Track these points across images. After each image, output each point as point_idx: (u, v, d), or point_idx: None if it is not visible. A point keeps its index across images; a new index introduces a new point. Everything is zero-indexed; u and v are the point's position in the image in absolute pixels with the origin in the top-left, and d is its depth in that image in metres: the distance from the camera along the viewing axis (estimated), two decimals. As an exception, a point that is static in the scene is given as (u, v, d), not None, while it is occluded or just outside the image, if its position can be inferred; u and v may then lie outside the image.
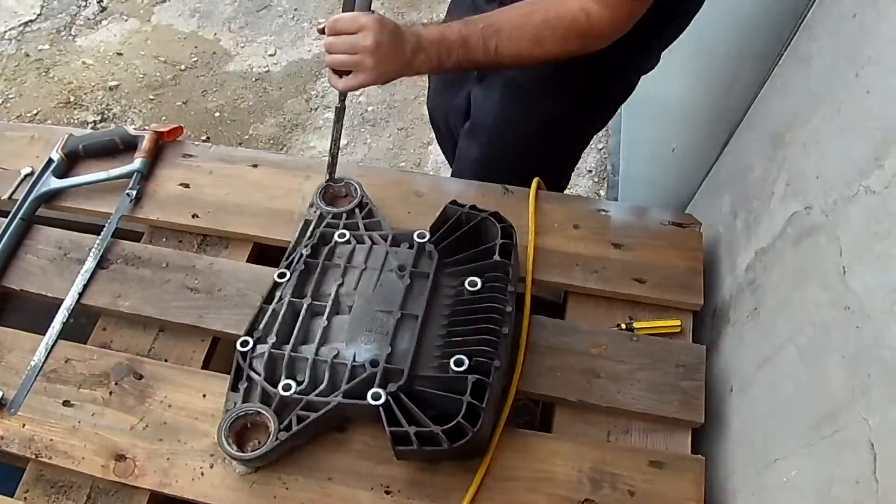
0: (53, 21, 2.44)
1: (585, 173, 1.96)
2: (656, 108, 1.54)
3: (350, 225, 0.86)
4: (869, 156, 0.55)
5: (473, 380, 0.68)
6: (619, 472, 0.71)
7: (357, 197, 0.89)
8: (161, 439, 0.74)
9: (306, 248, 0.82)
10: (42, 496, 0.73)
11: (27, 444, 0.74)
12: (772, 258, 0.72)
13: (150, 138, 0.98)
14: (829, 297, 0.58)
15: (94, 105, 2.18)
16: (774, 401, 0.66)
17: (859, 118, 0.58)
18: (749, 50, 0.91)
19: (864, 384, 0.51)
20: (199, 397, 0.77)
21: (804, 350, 0.62)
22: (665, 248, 0.88)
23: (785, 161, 0.72)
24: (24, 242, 0.91)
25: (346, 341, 0.74)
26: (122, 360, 0.80)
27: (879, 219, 0.52)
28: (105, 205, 0.94)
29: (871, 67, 0.57)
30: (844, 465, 0.51)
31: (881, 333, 0.50)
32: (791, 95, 0.73)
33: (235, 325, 0.82)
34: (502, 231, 0.79)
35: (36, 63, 2.30)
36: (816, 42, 0.68)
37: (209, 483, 0.71)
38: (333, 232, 0.84)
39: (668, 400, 0.76)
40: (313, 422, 0.69)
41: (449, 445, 0.65)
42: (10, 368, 0.80)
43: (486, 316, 0.72)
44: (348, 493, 0.70)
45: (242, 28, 2.42)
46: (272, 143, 2.06)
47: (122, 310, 0.84)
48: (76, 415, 0.76)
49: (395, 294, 0.76)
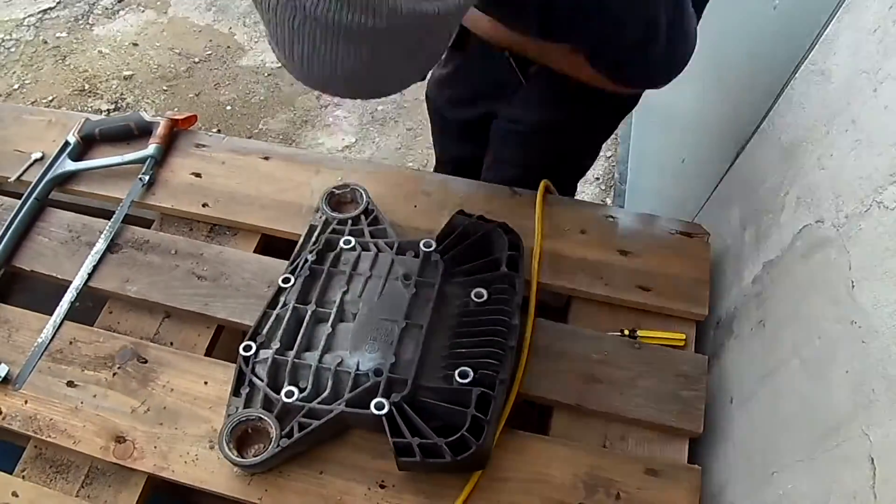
0: (72, 9, 2.47)
1: (593, 181, 1.96)
2: (666, 118, 1.54)
3: (355, 231, 0.86)
4: (884, 171, 0.55)
5: (478, 392, 0.68)
6: (615, 478, 0.71)
7: (363, 203, 0.89)
8: (161, 423, 0.74)
9: (311, 254, 0.82)
10: (40, 474, 0.73)
11: (28, 422, 0.74)
12: (780, 271, 0.72)
13: (164, 125, 0.99)
14: (837, 311, 0.58)
15: (108, 94, 2.20)
16: (775, 413, 0.66)
17: (876, 133, 0.58)
18: (763, 63, 0.91)
19: (868, 399, 0.51)
20: (201, 384, 0.77)
21: (808, 363, 0.62)
22: (672, 256, 0.88)
23: (798, 174, 0.72)
24: (36, 224, 0.92)
25: (349, 349, 0.74)
26: (126, 344, 0.80)
27: (892, 235, 0.52)
28: (117, 190, 0.95)
29: (891, 83, 0.57)
30: (843, 480, 0.51)
31: (888, 349, 0.50)
32: (807, 109, 0.73)
33: (240, 314, 0.82)
34: (510, 242, 0.79)
35: (53, 50, 2.33)
36: (835, 56, 0.68)
37: (206, 469, 0.71)
38: (339, 238, 0.84)
39: (667, 408, 0.76)
40: (315, 429, 0.69)
41: (452, 458, 0.65)
42: (16, 347, 0.81)
43: (492, 328, 0.72)
44: (343, 485, 0.70)
45: (257, 23, 2.43)
46: (282, 139, 2.07)
47: (129, 294, 0.85)
48: (79, 395, 0.76)
49: (400, 303, 0.76)
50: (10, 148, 1.01)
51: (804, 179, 0.70)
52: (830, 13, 0.69)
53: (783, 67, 0.79)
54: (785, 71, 0.78)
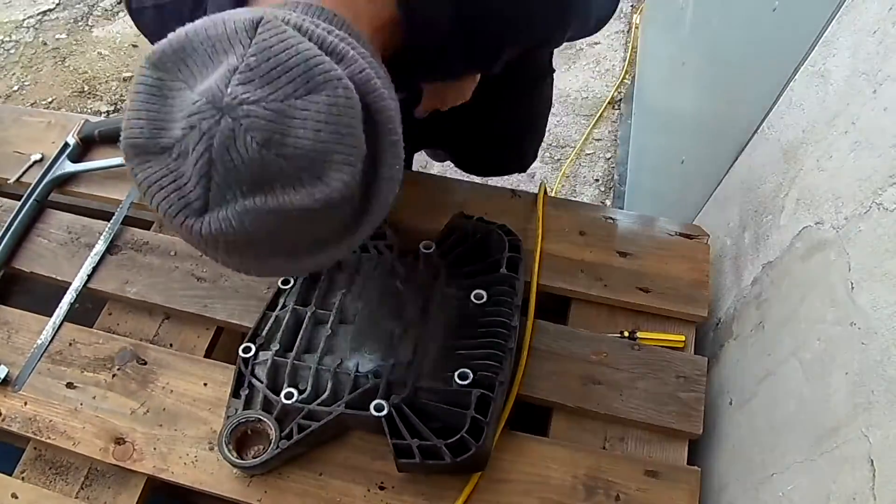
0: (71, 11, 2.47)
1: (592, 182, 1.96)
2: (666, 119, 1.54)
3: (355, 234, 0.86)
4: (884, 173, 0.55)
5: (478, 394, 0.68)
6: (614, 480, 0.71)
7: None
8: (161, 425, 0.74)
9: None
10: (40, 476, 0.73)
11: (28, 424, 0.74)
12: (779, 272, 0.72)
13: (163, 127, 0.99)
14: (836, 312, 0.58)
15: (107, 95, 2.20)
16: (774, 415, 0.66)
17: (875, 135, 0.58)
18: (763, 63, 0.91)
19: (868, 401, 0.51)
20: (200, 385, 0.77)
21: (808, 365, 0.62)
22: (671, 258, 0.88)
23: (797, 176, 0.72)
24: (35, 226, 0.92)
25: (349, 351, 0.74)
26: (126, 345, 0.80)
27: (891, 236, 0.52)
28: (117, 192, 0.95)
29: (890, 84, 0.57)
30: (842, 481, 0.51)
31: (887, 351, 0.49)
32: (806, 110, 0.73)
33: (239, 315, 0.82)
34: (510, 244, 0.79)
35: (53, 52, 2.33)
36: (835, 57, 0.68)
37: (206, 470, 0.71)
38: None
39: (666, 410, 0.76)
40: (315, 431, 0.69)
41: (452, 459, 0.65)
42: (15, 348, 0.81)
43: (492, 330, 0.72)
44: (343, 486, 0.70)
45: (259, 24, 2.43)
46: (283, 139, 2.07)
47: (128, 296, 0.85)
48: (78, 397, 0.76)
49: (399, 305, 0.76)
50: (10, 149, 1.01)
51: (804, 181, 0.70)
52: (830, 14, 0.69)
53: (783, 68, 0.79)
54: (784, 72, 0.78)
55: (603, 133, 2.09)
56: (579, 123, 2.11)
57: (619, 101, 2.15)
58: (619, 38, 2.34)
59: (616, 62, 2.27)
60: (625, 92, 2.14)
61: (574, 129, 2.09)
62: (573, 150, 2.03)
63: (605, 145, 2.08)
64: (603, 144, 2.04)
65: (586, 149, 2.05)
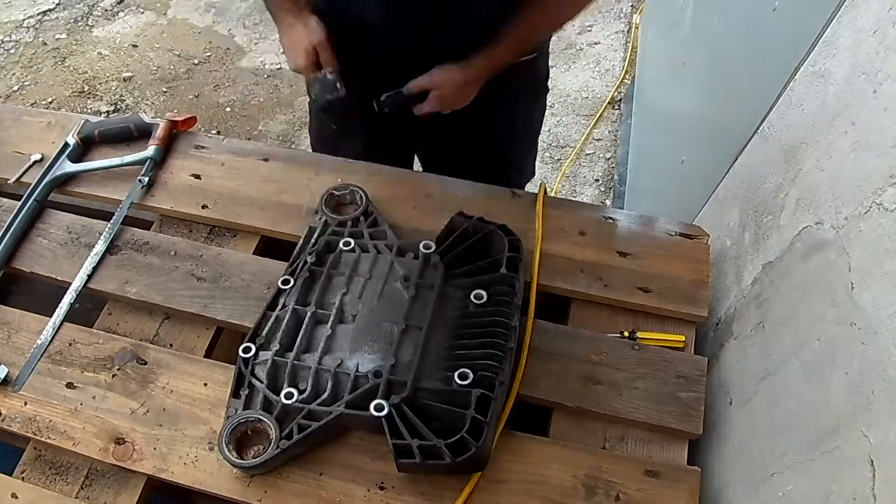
0: (71, 11, 2.47)
1: (592, 182, 1.96)
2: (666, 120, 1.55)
3: (355, 233, 0.86)
4: (884, 173, 0.55)
5: (478, 394, 0.68)
6: (614, 480, 0.71)
7: (362, 205, 0.89)
8: (161, 425, 0.74)
9: (311, 256, 0.81)
10: (40, 476, 0.73)
11: (28, 424, 0.74)
12: (779, 272, 0.72)
13: (164, 126, 0.99)
14: (836, 312, 0.58)
15: (107, 95, 2.20)
16: (774, 415, 0.66)
17: (875, 135, 0.58)
18: (763, 63, 0.91)
19: (868, 401, 0.51)
20: (200, 385, 0.77)
21: (808, 365, 0.62)
22: (672, 258, 0.88)
23: (797, 176, 0.72)
24: (36, 226, 0.92)
25: (349, 351, 0.73)
26: (126, 346, 0.80)
27: (891, 236, 0.52)
28: (117, 192, 0.95)
29: (890, 84, 0.57)
30: (842, 481, 0.51)
31: (887, 350, 0.50)
32: (806, 110, 0.73)
33: (239, 315, 0.82)
34: (510, 244, 0.79)
35: (53, 52, 2.33)
36: (835, 58, 0.68)
37: (206, 470, 0.71)
38: (338, 240, 0.84)
39: (666, 410, 0.76)
40: (315, 431, 0.69)
41: (452, 460, 0.65)
42: (16, 348, 0.81)
43: (492, 330, 0.72)
44: (343, 486, 0.70)
45: (257, 25, 2.44)
46: (281, 140, 2.07)
47: (128, 296, 0.85)
48: (78, 397, 0.76)
49: (399, 305, 0.76)
50: (10, 149, 1.01)
51: (804, 181, 0.70)
52: (830, 14, 0.69)
53: (783, 68, 0.79)
54: (784, 72, 0.78)
55: (603, 133, 2.09)
56: (579, 123, 2.11)
57: (619, 101, 2.15)
58: (619, 38, 2.34)
59: (616, 62, 2.27)
60: (625, 92, 2.15)
61: (574, 129, 2.09)
62: (573, 150, 2.03)
63: (605, 145, 2.08)
64: (603, 144, 2.04)
65: (586, 149, 2.05)
